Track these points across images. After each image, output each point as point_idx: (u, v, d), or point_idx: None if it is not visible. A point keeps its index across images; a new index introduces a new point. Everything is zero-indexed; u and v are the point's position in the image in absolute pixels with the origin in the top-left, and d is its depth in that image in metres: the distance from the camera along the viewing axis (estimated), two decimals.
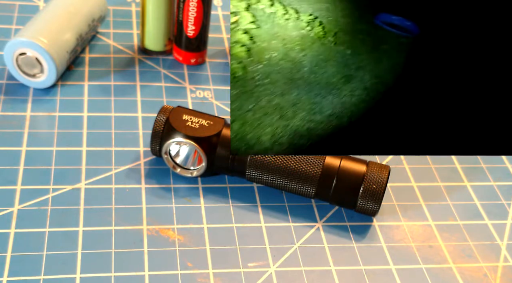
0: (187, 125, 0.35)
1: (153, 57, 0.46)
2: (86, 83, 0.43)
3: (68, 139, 0.38)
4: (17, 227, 0.33)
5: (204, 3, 0.43)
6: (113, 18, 0.49)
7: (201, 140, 0.35)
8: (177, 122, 0.35)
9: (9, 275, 0.30)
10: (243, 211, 0.36)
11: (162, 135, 0.36)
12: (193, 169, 0.36)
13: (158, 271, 0.32)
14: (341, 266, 0.34)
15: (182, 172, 0.36)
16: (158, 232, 0.34)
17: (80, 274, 0.31)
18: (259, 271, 0.33)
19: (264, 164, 0.35)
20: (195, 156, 0.36)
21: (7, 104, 0.40)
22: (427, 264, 0.34)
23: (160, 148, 0.36)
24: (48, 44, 0.40)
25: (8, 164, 0.36)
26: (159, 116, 0.36)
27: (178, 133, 0.35)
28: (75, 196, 0.35)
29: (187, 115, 0.36)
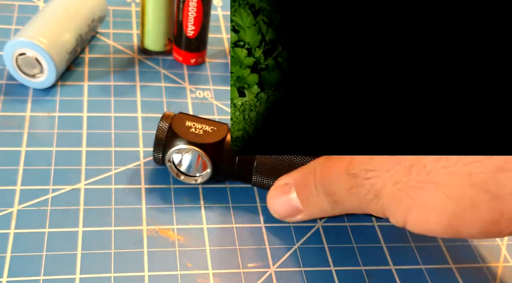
0: (191, 131, 0.35)
1: (153, 57, 0.46)
2: (86, 83, 0.43)
3: (68, 139, 0.38)
4: (17, 228, 0.33)
5: (204, 3, 0.43)
6: (113, 18, 0.49)
7: (206, 146, 0.34)
8: (181, 129, 0.35)
9: (9, 276, 0.30)
10: (243, 211, 0.36)
11: (165, 142, 0.35)
12: (198, 175, 0.36)
13: (158, 271, 0.32)
14: (341, 266, 0.34)
15: (186, 180, 0.36)
16: (157, 232, 0.34)
17: (80, 275, 0.31)
18: (259, 271, 0.33)
19: (271, 168, 0.35)
20: (199, 163, 0.35)
21: (7, 104, 0.40)
22: (427, 264, 0.34)
23: (163, 156, 0.35)
24: (48, 44, 0.40)
25: (7, 164, 0.36)
26: (161, 123, 0.35)
27: (182, 140, 0.34)
28: (74, 196, 0.35)
29: (190, 121, 0.35)
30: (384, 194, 0.28)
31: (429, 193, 0.26)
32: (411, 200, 0.27)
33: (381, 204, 0.28)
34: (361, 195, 0.29)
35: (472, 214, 0.26)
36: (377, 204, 0.28)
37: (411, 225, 0.28)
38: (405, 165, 0.27)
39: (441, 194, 0.26)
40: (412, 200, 0.27)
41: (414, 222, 0.28)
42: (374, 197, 0.28)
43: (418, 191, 0.27)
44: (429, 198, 0.26)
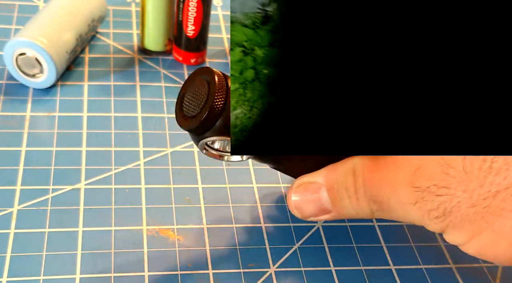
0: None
1: (153, 57, 0.46)
2: (86, 83, 0.43)
3: (68, 139, 0.38)
4: (17, 228, 0.33)
5: (204, 3, 0.43)
6: (113, 18, 0.49)
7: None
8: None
9: (9, 276, 0.30)
10: (243, 211, 0.36)
11: (214, 124, 0.28)
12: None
13: (158, 271, 0.32)
14: (341, 266, 0.34)
15: (232, 157, 0.31)
16: (158, 232, 0.34)
17: (80, 275, 0.31)
18: (259, 271, 0.33)
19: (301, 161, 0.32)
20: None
21: (7, 104, 0.40)
22: (427, 264, 0.34)
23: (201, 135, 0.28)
24: (48, 44, 0.40)
25: (7, 164, 0.36)
26: (218, 93, 0.27)
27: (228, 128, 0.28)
28: (75, 196, 0.35)
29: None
30: (455, 214, 0.27)
31: (508, 221, 0.26)
32: (486, 224, 0.26)
33: (447, 223, 0.27)
34: (424, 210, 0.27)
35: None
36: (442, 222, 0.27)
37: (472, 247, 0.27)
38: (490, 190, 0.26)
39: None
40: (487, 225, 0.26)
41: (480, 245, 0.27)
42: (441, 215, 0.27)
43: (497, 217, 0.26)
44: (505, 226, 0.26)
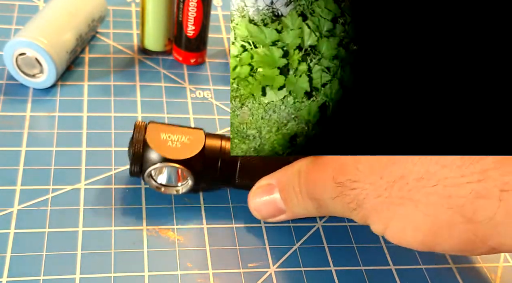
0: (168, 146, 0.33)
1: (153, 57, 0.46)
2: (86, 83, 0.43)
3: (68, 139, 0.38)
4: (17, 228, 0.33)
5: (204, 3, 0.43)
6: (113, 18, 0.49)
7: (187, 161, 0.33)
8: (156, 143, 0.33)
9: (9, 276, 0.30)
10: (243, 212, 0.36)
11: (143, 157, 0.33)
12: (180, 186, 0.35)
13: (158, 271, 0.32)
14: (341, 266, 0.34)
15: (167, 191, 0.35)
16: (158, 232, 0.34)
17: (80, 275, 0.31)
18: (259, 271, 0.33)
19: (254, 170, 0.34)
20: (180, 174, 0.35)
21: (7, 104, 0.40)
22: (427, 264, 0.34)
23: (141, 170, 0.34)
24: (48, 44, 0.40)
25: (7, 164, 0.36)
26: (136, 135, 0.33)
27: (160, 156, 0.33)
28: (75, 196, 0.35)
29: (164, 133, 0.34)
30: (366, 205, 0.29)
31: (407, 209, 0.27)
32: (391, 213, 0.28)
33: (362, 214, 0.29)
34: (345, 203, 0.30)
35: (447, 233, 0.27)
36: (359, 214, 0.29)
37: (389, 236, 0.29)
38: (388, 180, 0.28)
39: (419, 211, 0.27)
40: (391, 213, 0.28)
41: (392, 233, 0.29)
42: (356, 206, 0.29)
43: (397, 206, 0.28)
44: (407, 214, 0.28)
